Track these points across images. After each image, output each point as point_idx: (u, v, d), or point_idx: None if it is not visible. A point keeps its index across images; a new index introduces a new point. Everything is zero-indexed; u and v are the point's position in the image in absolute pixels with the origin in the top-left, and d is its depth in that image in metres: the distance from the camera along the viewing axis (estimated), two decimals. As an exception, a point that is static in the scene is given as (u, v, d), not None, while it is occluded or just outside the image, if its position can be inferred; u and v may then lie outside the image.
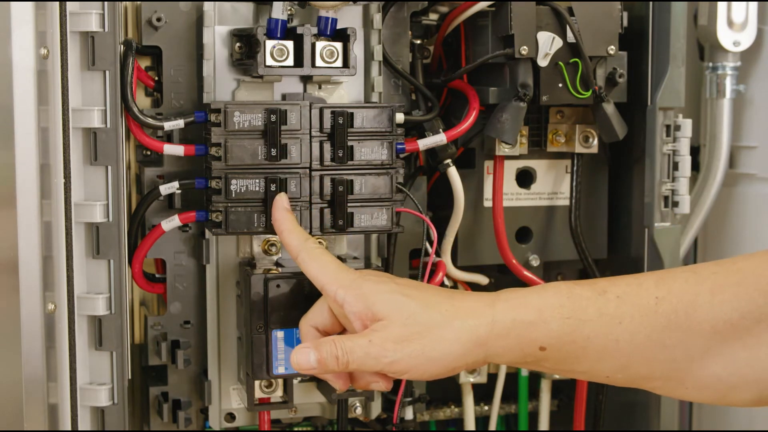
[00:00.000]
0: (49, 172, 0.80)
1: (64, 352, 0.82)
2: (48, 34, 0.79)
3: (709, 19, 1.08)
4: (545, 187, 1.03)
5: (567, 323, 0.74)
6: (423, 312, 0.76)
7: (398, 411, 0.97)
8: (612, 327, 0.74)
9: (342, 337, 0.77)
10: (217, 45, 0.91)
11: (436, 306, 0.76)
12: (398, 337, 0.75)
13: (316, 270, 0.80)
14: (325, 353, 0.76)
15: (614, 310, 0.74)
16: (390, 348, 0.75)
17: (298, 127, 0.88)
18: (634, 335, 0.73)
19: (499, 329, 0.75)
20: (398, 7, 0.95)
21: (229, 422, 0.97)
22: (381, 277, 0.80)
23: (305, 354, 0.77)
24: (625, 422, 1.07)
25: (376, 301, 0.77)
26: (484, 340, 0.75)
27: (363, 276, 0.79)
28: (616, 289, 0.74)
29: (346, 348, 0.76)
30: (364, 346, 0.75)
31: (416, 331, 0.75)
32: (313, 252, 0.81)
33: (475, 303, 0.76)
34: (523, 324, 0.75)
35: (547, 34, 0.94)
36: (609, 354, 0.74)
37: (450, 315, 0.76)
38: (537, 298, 0.76)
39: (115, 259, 0.85)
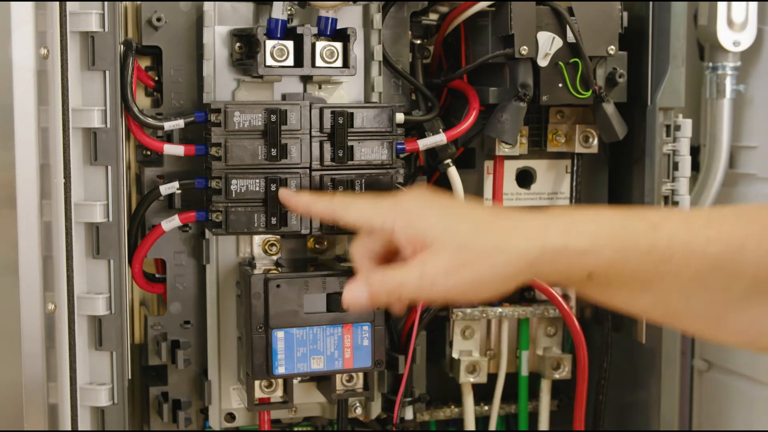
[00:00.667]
0: (49, 172, 0.80)
1: (64, 352, 0.82)
2: (48, 34, 0.79)
3: (709, 19, 1.08)
4: (545, 187, 1.03)
5: (618, 254, 0.74)
6: (474, 238, 0.75)
7: (398, 411, 0.97)
8: (660, 263, 0.74)
9: (393, 271, 0.76)
10: (217, 45, 0.91)
11: (487, 229, 0.76)
12: (449, 267, 0.75)
13: (357, 214, 0.79)
14: (376, 288, 0.76)
15: (665, 246, 0.74)
16: (441, 280, 0.75)
17: (298, 127, 0.88)
18: (679, 273, 0.74)
19: (550, 254, 0.74)
20: (398, 7, 0.95)
21: (229, 422, 0.97)
22: (426, 200, 0.79)
23: (357, 291, 0.77)
24: (625, 422, 1.07)
25: (425, 229, 0.76)
26: (534, 264, 0.75)
27: (407, 201, 0.78)
28: (668, 226, 0.74)
29: (397, 282, 0.75)
30: (416, 280, 0.75)
31: (467, 259, 0.75)
32: (345, 202, 0.81)
33: (527, 225, 0.76)
34: (575, 251, 0.74)
35: (547, 34, 0.94)
36: (652, 288, 0.75)
37: (501, 239, 0.75)
38: (591, 225, 0.75)
39: (115, 259, 0.85)
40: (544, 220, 0.75)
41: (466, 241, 0.75)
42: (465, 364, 1.04)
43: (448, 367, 1.06)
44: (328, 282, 0.89)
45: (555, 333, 1.07)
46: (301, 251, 0.96)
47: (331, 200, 0.82)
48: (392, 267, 0.76)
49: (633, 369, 1.06)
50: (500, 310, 1.05)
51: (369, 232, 0.78)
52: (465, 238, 0.75)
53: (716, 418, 1.17)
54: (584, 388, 1.04)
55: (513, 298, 1.08)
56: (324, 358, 0.89)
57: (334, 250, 0.96)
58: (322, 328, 0.89)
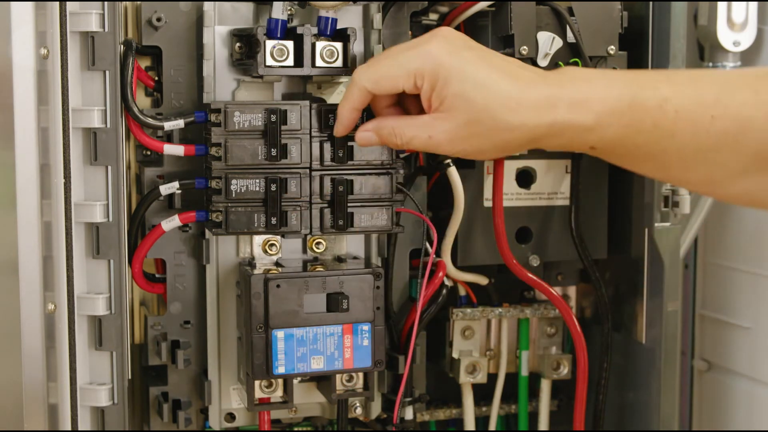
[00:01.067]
0: (49, 172, 0.80)
1: (64, 352, 0.82)
2: (48, 34, 0.79)
3: (709, 19, 1.08)
4: (545, 187, 1.03)
5: (622, 132, 0.77)
6: (485, 113, 0.77)
7: (398, 411, 0.97)
8: (663, 139, 0.77)
9: (404, 125, 0.81)
10: (217, 45, 0.91)
11: (500, 103, 0.77)
12: (457, 136, 0.79)
13: (388, 84, 0.81)
14: (386, 137, 0.82)
15: (670, 124, 0.76)
16: (447, 146, 0.79)
17: (298, 127, 0.88)
18: (682, 149, 0.76)
19: (557, 129, 0.77)
20: (398, 7, 0.95)
21: (229, 422, 0.97)
22: (450, 56, 0.79)
23: (368, 135, 0.83)
24: (625, 422, 1.07)
25: (443, 96, 0.78)
26: (539, 138, 0.78)
27: (435, 55, 0.79)
28: (676, 101, 0.76)
29: (407, 138, 0.81)
30: (424, 139, 0.80)
31: (476, 132, 0.78)
32: (367, 73, 0.82)
33: (538, 95, 0.77)
34: (581, 128, 0.77)
35: (547, 34, 0.94)
36: (654, 159, 0.78)
37: (512, 115, 0.77)
38: (600, 103, 0.77)
39: (115, 259, 0.85)
40: (555, 91, 0.77)
41: (478, 116, 0.78)
42: (465, 364, 1.04)
43: (448, 367, 1.06)
44: (328, 282, 0.89)
45: (555, 333, 1.08)
46: (300, 251, 0.96)
47: (354, 79, 0.82)
48: (404, 116, 0.81)
49: (633, 369, 1.06)
50: (500, 310, 1.05)
51: None
52: (477, 112, 0.77)
53: (716, 418, 1.17)
54: (584, 388, 1.04)
55: (513, 298, 1.08)
56: (324, 358, 0.89)
57: (334, 250, 0.96)
58: (322, 328, 0.89)
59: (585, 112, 0.77)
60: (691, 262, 1.19)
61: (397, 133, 0.81)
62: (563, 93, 0.78)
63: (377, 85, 0.81)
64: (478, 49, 0.80)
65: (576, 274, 1.08)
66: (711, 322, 1.18)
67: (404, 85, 0.80)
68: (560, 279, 1.07)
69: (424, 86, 0.79)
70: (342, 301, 0.88)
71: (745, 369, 1.13)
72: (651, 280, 1.02)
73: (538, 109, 0.77)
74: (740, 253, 1.13)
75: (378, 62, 0.82)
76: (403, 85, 0.80)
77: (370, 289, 0.89)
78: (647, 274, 1.02)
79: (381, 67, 0.81)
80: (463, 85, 0.78)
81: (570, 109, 0.77)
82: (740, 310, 1.13)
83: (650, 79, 0.79)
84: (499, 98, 0.78)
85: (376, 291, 0.90)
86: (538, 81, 0.79)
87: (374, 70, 0.81)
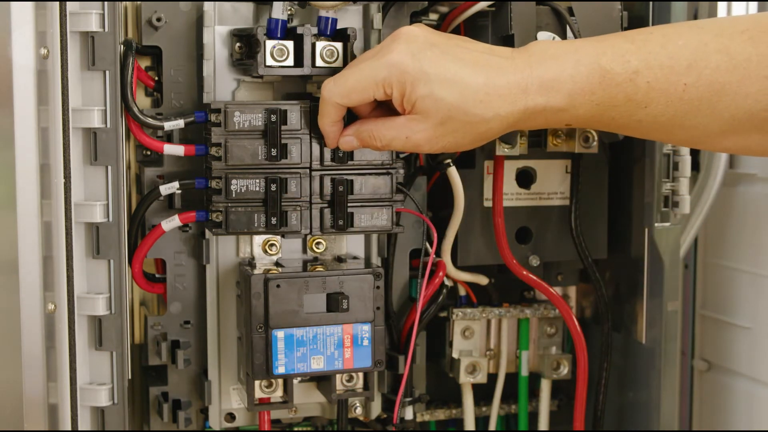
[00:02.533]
0: (49, 172, 0.80)
1: (64, 352, 0.82)
2: (48, 34, 0.79)
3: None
4: (545, 187, 1.03)
5: (595, 109, 0.78)
6: (458, 110, 0.78)
7: (398, 411, 0.97)
8: (637, 110, 0.77)
9: (382, 128, 0.82)
10: (217, 45, 0.91)
11: (470, 98, 0.78)
12: (434, 135, 0.80)
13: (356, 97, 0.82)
14: (366, 141, 0.84)
15: (642, 96, 0.76)
16: (425, 145, 0.81)
17: (298, 127, 0.88)
18: (656, 117, 0.77)
19: (530, 113, 0.78)
20: (398, 7, 0.95)
21: (229, 422, 0.97)
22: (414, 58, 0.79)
23: (349, 140, 0.85)
24: (625, 422, 1.07)
25: (415, 98, 0.79)
26: (514, 124, 0.79)
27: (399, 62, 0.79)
28: (648, 73, 0.76)
29: (386, 140, 0.82)
30: (402, 141, 0.81)
31: (452, 128, 0.79)
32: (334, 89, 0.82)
33: (508, 86, 0.78)
34: (553, 110, 0.78)
35: (547, 34, 0.94)
36: (630, 129, 0.80)
37: (484, 107, 0.78)
38: (570, 82, 0.77)
39: (115, 259, 0.85)
40: (524, 74, 0.78)
41: (451, 114, 0.78)
42: (465, 364, 1.04)
43: (448, 367, 1.06)
44: (328, 282, 0.89)
45: (555, 333, 1.08)
46: (300, 251, 0.96)
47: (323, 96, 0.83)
48: (382, 119, 0.82)
49: (633, 369, 1.06)
50: (500, 310, 1.05)
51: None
52: (449, 110, 0.78)
53: (716, 418, 1.17)
54: (584, 388, 1.04)
55: (513, 298, 1.08)
56: (324, 358, 0.89)
57: (334, 250, 0.96)
58: (322, 328, 0.89)
59: (556, 93, 0.77)
60: (691, 262, 1.19)
61: (376, 136, 0.82)
62: (532, 75, 0.78)
63: (347, 99, 0.82)
64: (440, 44, 0.80)
65: (576, 274, 1.08)
66: (711, 322, 1.18)
67: (374, 95, 0.81)
68: (560, 279, 1.07)
69: (393, 94, 0.80)
70: (342, 301, 0.88)
71: (745, 369, 1.13)
72: (651, 280, 1.02)
73: (509, 97, 0.78)
74: (740, 253, 1.13)
75: (344, 76, 0.82)
76: (373, 95, 0.81)
77: (370, 289, 0.89)
78: (647, 274, 1.02)
79: (348, 82, 0.81)
80: (430, 86, 0.78)
81: (541, 92, 0.77)
82: (740, 310, 1.13)
83: (620, 49, 0.78)
84: (468, 93, 0.78)
85: (376, 291, 0.90)
86: (505, 66, 0.79)
87: (342, 84, 0.82)
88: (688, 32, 0.77)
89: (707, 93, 0.75)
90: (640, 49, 0.77)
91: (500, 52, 0.81)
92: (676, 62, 0.76)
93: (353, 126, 0.85)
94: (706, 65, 0.75)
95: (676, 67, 0.76)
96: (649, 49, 0.77)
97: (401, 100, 0.80)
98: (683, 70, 0.75)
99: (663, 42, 0.77)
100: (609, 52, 0.78)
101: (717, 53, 0.75)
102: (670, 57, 0.76)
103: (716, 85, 0.75)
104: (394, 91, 0.80)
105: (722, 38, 0.76)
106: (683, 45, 0.76)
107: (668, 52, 0.76)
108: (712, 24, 0.78)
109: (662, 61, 0.76)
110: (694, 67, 0.75)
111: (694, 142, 0.81)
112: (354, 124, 0.85)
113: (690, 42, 0.76)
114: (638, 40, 0.78)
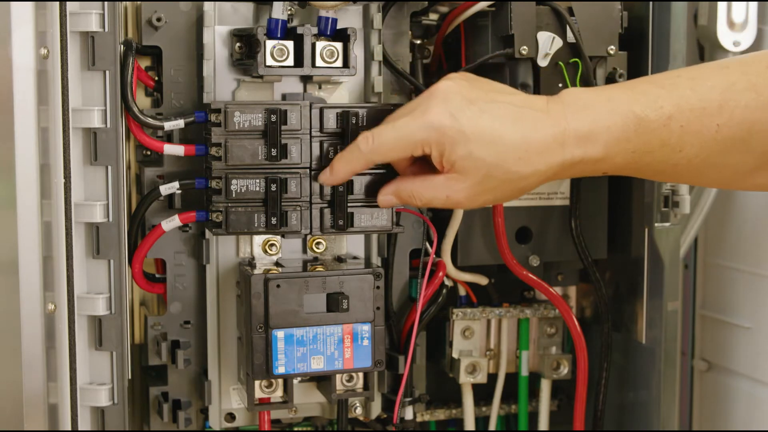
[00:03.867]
0: (49, 172, 0.80)
1: (64, 352, 0.82)
2: (48, 34, 0.79)
3: (709, 19, 1.08)
4: (545, 187, 1.03)
5: (631, 156, 0.79)
6: (496, 168, 0.79)
7: (398, 411, 0.97)
8: (672, 155, 0.78)
9: (422, 187, 0.83)
10: (217, 45, 0.91)
11: (509, 156, 0.79)
12: (473, 193, 0.81)
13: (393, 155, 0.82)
14: (406, 199, 0.84)
15: (677, 140, 0.77)
16: (465, 202, 0.81)
17: (298, 127, 0.88)
18: (691, 160, 0.78)
19: (568, 165, 0.79)
20: (398, 7, 0.95)
21: (229, 422, 0.97)
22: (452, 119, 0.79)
23: (389, 199, 0.86)
24: (625, 422, 1.07)
25: (454, 159, 0.79)
26: (553, 175, 0.80)
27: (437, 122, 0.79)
28: (680, 117, 0.77)
29: (426, 199, 0.82)
30: (443, 200, 0.82)
31: (491, 186, 0.80)
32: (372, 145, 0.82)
33: (546, 142, 0.78)
34: (591, 160, 0.79)
35: (547, 34, 0.94)
36: (665, 173, 0.81)
37: (522, 165, 0.79)
38: (606, 133, 0.78)
39: (115, 259, 0.85)
40: (560, 127, 0.78)
41: (490, 172, 0.79)
42: (465, 364, 1.04)
43: (448, 367, 1.06)
44: (328, 282, 0.89)
45: (555, 333, 1.08)
46: (300, 251, 0.96)
47: (359, 149, 0.83)
48: (421, 178, 0.82)
49: (633, 369, 1.06)
50: (500, 310, 1.05)
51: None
52: (488, 169, 0.79)
53: (716, 418, 1.17)
54: (584, 388, 1.04)
55: (513, 298, 1.08)
56: (324, 358, 0.89)
57: (334, 250, 0.96)
58: (322, 328, 0.89)
59: (593, 144, 0.78)
60: (691, 262, 1.19)
61: (416, 196, 0.83)
62: (569, 127, 0.78)
63: (383, 157, 0.83)
64: (477, 101, 0.80)
65: (576, 274, 1.08)
66: (711, 322, 1.18)
67: (412, 153, 0.81)
68: (560, 279, 1.07)
69: (432, 153, 0.80)
70: (342, 301, 0.88)
71: (745, 369, 1.13)
72: (651, 280, 1.02)
73: (547, 152, 0.78)
74: (740, 253, 1.13)
75: (382, 134, 0.82)
76: (411, 153, 0.81)
77: (370, 289, 0.89)
78: (647, 274, 1.02)
79: (386, 141, 0.81)
80: (469, 147, 0.78)
81: (578, 144, 0.78)
82: (740, 310, 1.13)
83: (652, 95, 0.78)
84: (506, 151, 0.78)
85: (376, 291, 0.90)
86: (541, 120, 0.79)
87: (380, 143, 0.82)
88: (715, 73, 0.78)
89: (740, 132, 0.76)
90: (670, 93, 0.78)
91: (535, 103, 0.81)
92: (707, 104, 0.77)
93: (393, 185, 0.85)
94: (737, 104, 0.76)
95: (708, 109, 0.76)
96: (680, 93, 0.78)
97: (440, 159, 0.80)
98: (715, 111, 0.76)
99: (692, 85, 0.78)
100: (641, 99, 0.78)
101: (746, 91, 0.76)
102: (701, 99, 0.77)
103: (747, 123, 0.75)
104: (432, 151, 0.80)
105: (749, 76, 0.77)
106: (712, 86, 0.77)
107: (698, 95, 0.77)
108: (738, 63, 0.79)
109: (693, 104, 0.77)
110: (725, 108, 0.76)
111: (725, 182, 0.81)
112: (393, 182, 0.85)
113: (718, 83, 0.77)
114: (668, 85, 0.79)
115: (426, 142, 0.79)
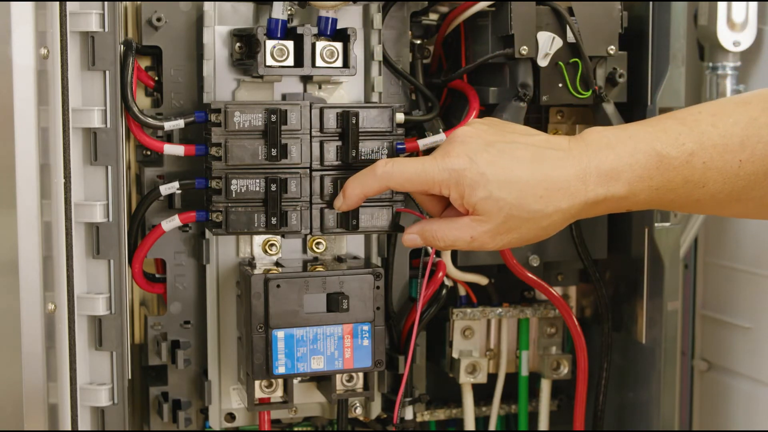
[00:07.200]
0: (49, 172, 0.80)
1: (64, 352, 0.82)
2: (48, 34, 0.79)
3: (709, 19, 1.08)
4: (545, 187, 1.03)
5: (654, 193, 0.79)
6: (518, 208, 0.79)
7: (398, 411, 0.97)
8: (695, 191, 0.78)
9: (446, 229, 0.82)
10: (217, 45, 0.91)
11: (530, 195, 0.79)
12: (497, 233, 0.80)
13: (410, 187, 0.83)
14: (430, 241, 0.84)
15: (699, 176, 0.77)
16: (489, 243, 0.81)
17: (298, 127, 0.88)
18: (714, 195, 0.78)
19: (591, 204, 0.79)
20: (398, 7, 0.95)
21: (229, 422, 0.97)
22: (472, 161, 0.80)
23: (414, 239, 0.85)
24: (625, 422, 1.07)
25: (475, 201, 0.79)
26: (575, 215, 0.80)
27: (457, 164, 0.80)
28: (703, 154, 0.77)
29: (450, 241, 0.82)
30: (467, 241, 0.82)
31: (514, 225, 0.80)
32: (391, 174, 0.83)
33: (567, 180, 0.79)
34: (614, 198, 0.79)
35: (547, 34, 0.94)
36: (689, 208, 0.81)
37: (545, 203, 0.79)
38: (628, 171, 0.78)
39: (115, 259, 0.85)
40: (582, 166, 0.78)
41: (512, 213, 0.79)
42: (465, 364, 1.04)
43: (448, 367, 1.06)
44: (328, 282, 0.89)
45: (555, 333, 1.08)
46: (300, 251, 0.96)
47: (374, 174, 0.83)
48: (446, 220, 0.83)
49: (633, 369, 1.06)
50: (500, 310, 1.05)
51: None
52: (510, 209, 0.79)
53: (716, 418, 1.17)
54: (584, 388, 1.04)
55: (513, 298, 1.08)
56: (324, 358, 0.89)
57: (334, 250, 0.96)
58: (322, 328, 0.89)
59: (615, 182, 0.78)
60: (691, 262, 1.19)
61: (439, 237, 0.83)
62: (590, 166, 0.78)
63: (399, 186, 0.83)
64: (496, 143, 0.80)
65: (576, 274, 1.08)
66: (711, 322, 1.18)
67: (429, 190, 0.82)
68: (560, 279, 1.07)
69: (452, 195, 0.80)
70: (342, 301, 0.88)
71: (745, 369, 1.13)
72: (651, 280, 1.02)
73: (568, 190, 0.78)
74: (740, 253, 1.13)
75: (404, 164, 0.82)
76: (428, 190, 0.82)
77: (370, 289, 0.89)
78: (647, 274, 1.02)
79: (407, 171, 0.81)
80: (488, 188, 0.79)
81: (600, 183, 0.78)
82: (740, 310, 1.13)
83: (673, 132, 0.78)
84: (527, 190, 0.79)
85: (376, 291, 0.90)
86: (563, 158, 0.79)
87: (399, 171, 0.82)
88: (736, 109, 0.78)
89: (763, 166, 0.76)
90: (692, 130, 0.78)
91: (557, 143, 0.81)
92: (729, 140, 0.77)
93: (418, 225, 0.85)
94: (759, 140, 0.76)
95: (730, 145, 0.77)
96: (702, 130, 0.78)
97: (461, 201, 0.80)
98: (737, 148, 0.76)
99: (713, 121, 0.78)
100: (663, 136, 0.78)
101: (766, 126, 0.76)
102: (723, 136, 0.77)
103: None
104: (452, 193, 0.80)
105: None
106: (733, 123, 0.77)
107: (720, 132, 0.77)
108: (758, 98, 0.79)
109: (715, 141, 0.77)
110: (747, 144, 0.76)
111: (751, 214, 0.81)
112: (419, 223, 0.85)
113: (740, 119, 0.77)
114: (689, 121, 0.79)
115: (445, 184, 0.80)
